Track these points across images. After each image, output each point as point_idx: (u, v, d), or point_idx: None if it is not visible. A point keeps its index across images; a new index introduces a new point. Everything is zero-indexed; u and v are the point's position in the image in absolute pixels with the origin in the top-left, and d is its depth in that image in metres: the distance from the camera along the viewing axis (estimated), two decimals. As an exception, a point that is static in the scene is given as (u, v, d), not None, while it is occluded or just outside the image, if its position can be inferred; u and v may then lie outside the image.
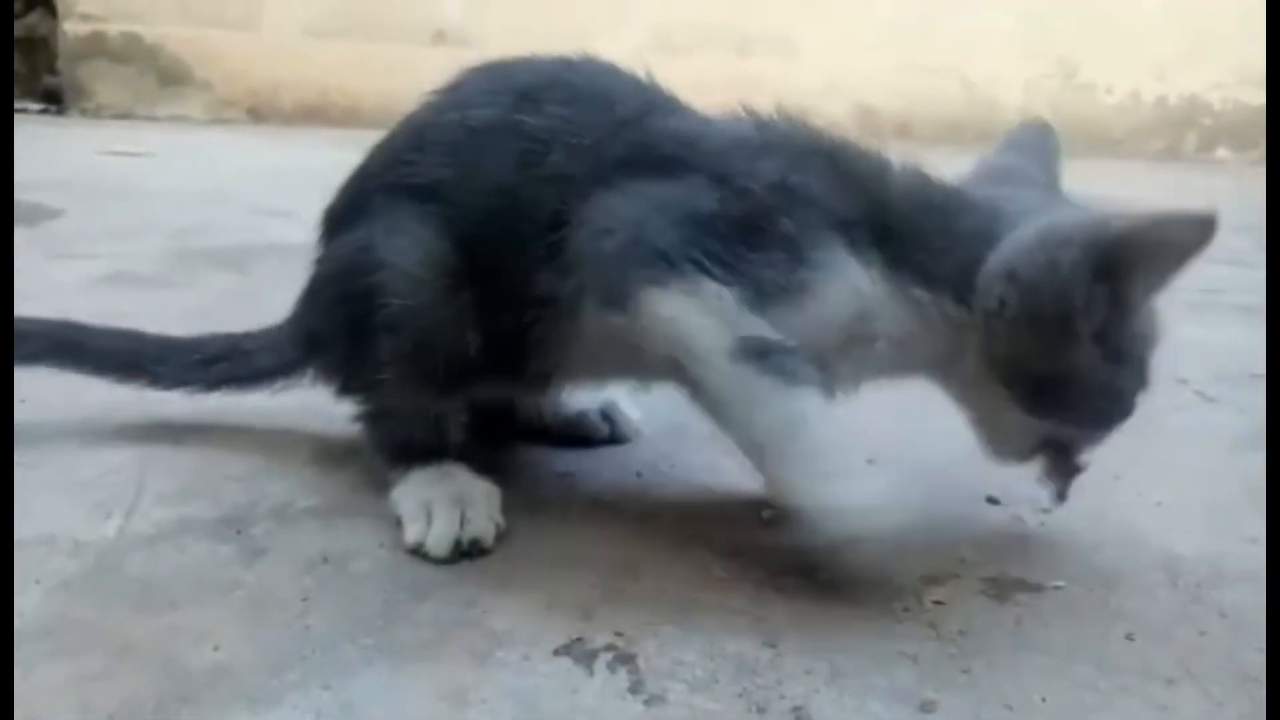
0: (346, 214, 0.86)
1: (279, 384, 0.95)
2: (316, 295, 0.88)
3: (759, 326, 0.70)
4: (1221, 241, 2.33)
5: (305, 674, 0.62)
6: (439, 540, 0.76)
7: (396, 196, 0.81)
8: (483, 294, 0.79)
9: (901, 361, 0.79)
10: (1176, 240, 0.73)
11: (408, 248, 0.78)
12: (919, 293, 0.75)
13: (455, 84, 0.85)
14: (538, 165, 0.77)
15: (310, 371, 0.92)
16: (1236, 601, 0.76)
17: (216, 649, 0.64)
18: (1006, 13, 4.43)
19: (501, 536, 0.79)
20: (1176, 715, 0.62)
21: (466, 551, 0.76)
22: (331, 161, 0.93)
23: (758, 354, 0.69)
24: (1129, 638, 0.70)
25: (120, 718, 0.58)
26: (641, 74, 0.85)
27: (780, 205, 0.73)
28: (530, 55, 0.86)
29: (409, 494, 0.80)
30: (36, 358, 0.94)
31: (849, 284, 0.73)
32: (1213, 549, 0.84)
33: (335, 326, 0.85)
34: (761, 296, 0.71)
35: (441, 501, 0.78)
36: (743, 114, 0.80)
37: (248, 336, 0.98)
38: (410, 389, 0.80)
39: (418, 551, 0.76)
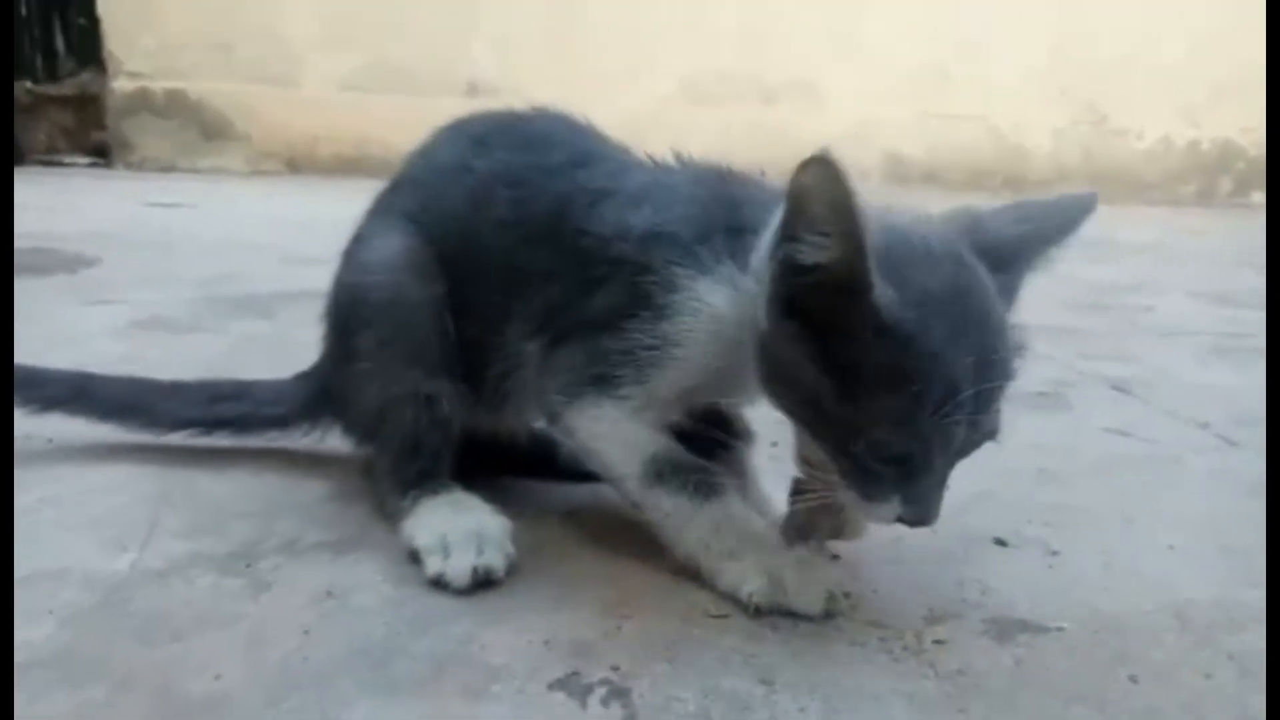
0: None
1: (275, 432, 1.03)
2: (324, 333, 0.97)
3: (659, 444, 0.80)
4: (1250, 286, 2.31)
5: (302, 703, 0.63)
6: (459, 572, 0.78)
7: (377, 222, 0.94)
8: (451, 297, 0.88)
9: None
10: (807, 189, 0.65)
11: (383, 248, 0.90)
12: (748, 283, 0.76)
13: (428, 137, 0.97)
14: (484, 205, 0.88)
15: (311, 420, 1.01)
16: (1246, 646, 0.74)
17: (217, 679, 0.65)
18: (1033, 60, 4.46)
19: (507, 570, 0.80)
20: (1178, 759, 0.61)
21: (483, 581, 0.78)
22: (363, 211, 0.99)
23: (662, 476, 0.79)
24: (1132, 680, 0.69)
25: (118, 745, 0.59)
26: (586, 123, 0.93)
27: (645, 257, 0.79)
28: (494, 110, 0.96)
29: (424, 527, 0.83)
30: (52, 405, 1.00)
31: (702, 316, 0.77)
32: (1224, 593, 0.82)
33: (331, 340, 0.95)
34: (642, 371, 0.78)
35: (458, 534, 0.81)
36: (648, 159, 0.89)
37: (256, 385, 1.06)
38: (396, 371, 0.87)
39: (438, 583, 0.78)
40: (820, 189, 0.64)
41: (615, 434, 0.81)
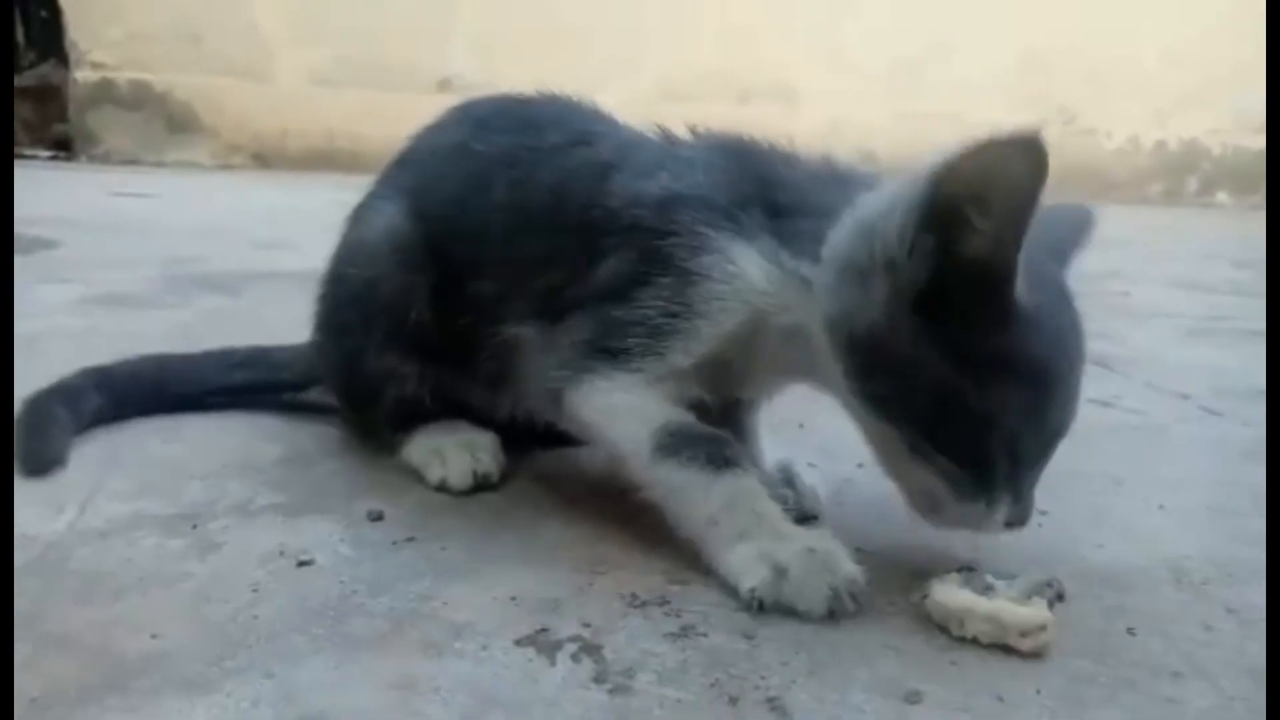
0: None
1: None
2: (317, 296, 0.95)
3: (671, 413, 0.74)
4: (1224, 275, 2.32)
5: (247, 662, 0.58)
6: (459, 473, 0.84)
7: (376, 198, 0.93)
8: (439, 281, 0.86)
9: (799, 357, 0.74)
10: (1004, 170, 0.60)
11: (376, 226, 0.89)
12: (806, 268, 0.71)
13: (436, 117, 0.96)
14: (483, 187, 0.86)
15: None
16: (1245, 599, 0.71)
17: (154, 637, 0.60)
18: (1005, 60, 4.47)
19: (470, 538, 0.76)
20: (1186, 709, 0.58)
21: (481, 484, 0.84)
22: (332, 202, 0.98)
23: (674, 449, 0.72)
24: (1130, 632, 0.66)
25: (43, 703, 0.54)
26: (590, 105, 0.91)
27: (666, 221, 0.74)
28: (499, 94, 0.94)
29: (419, 446, 0.87)
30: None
31: (737, 282, 0.73)
32: (1219, 551, 0.80)
33: (320, 307, 0.94)
34: (659, 341, 0.73)
35: (452, 444, 0.86)
36: (660, 133, 0.84)
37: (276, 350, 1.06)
38: (378, 350, 0.87)
39: (442, 489, 0.84)
40: (1017, 176, 0.60)
41: (624, 406, 0.75)
